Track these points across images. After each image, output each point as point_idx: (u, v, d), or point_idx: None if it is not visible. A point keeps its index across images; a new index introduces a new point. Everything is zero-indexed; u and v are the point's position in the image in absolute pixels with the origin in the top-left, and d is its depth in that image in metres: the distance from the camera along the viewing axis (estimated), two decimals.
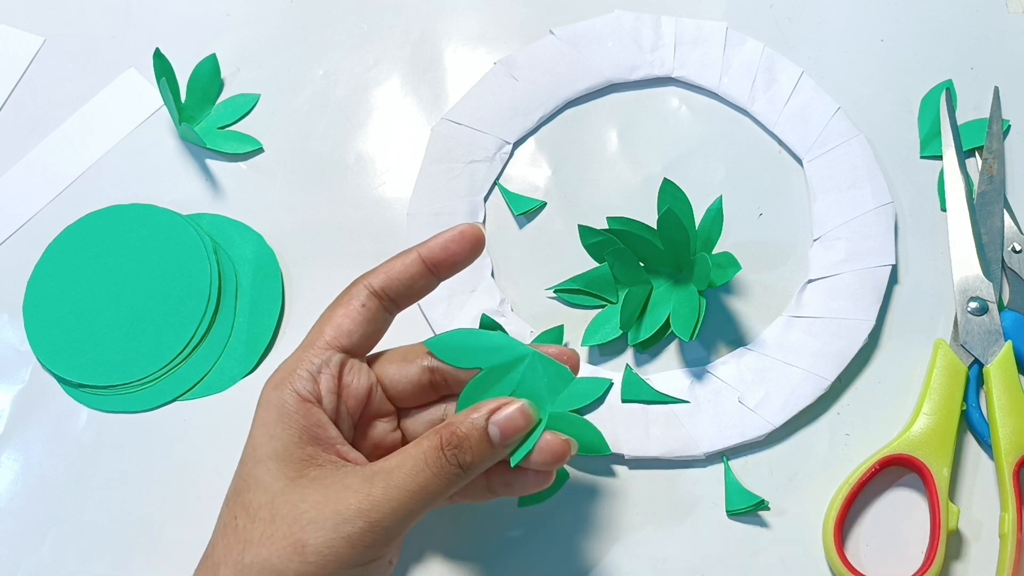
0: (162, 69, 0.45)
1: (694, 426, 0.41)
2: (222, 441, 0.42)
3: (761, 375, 0.42)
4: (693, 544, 0.40)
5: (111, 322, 0.44)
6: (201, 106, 0.48)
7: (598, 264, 0.43)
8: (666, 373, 0.43)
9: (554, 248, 0.45)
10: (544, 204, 0.46)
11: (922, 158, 0.46)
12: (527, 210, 0.46)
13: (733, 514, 0.41)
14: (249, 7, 0.51)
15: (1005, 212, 0.45)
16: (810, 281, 0.44)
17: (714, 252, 0.41)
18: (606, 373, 0.43)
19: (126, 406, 0.43)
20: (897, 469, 0.41)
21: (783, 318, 0.43)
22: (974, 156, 0.46)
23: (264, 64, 0.49)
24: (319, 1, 0.51)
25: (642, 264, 0.43)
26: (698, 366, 0.43)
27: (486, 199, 0.46)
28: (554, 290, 0.44)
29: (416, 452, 0.32)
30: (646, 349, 0.43)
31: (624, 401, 0.42)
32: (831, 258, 0.44)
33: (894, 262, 0.43)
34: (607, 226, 0.42)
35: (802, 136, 0.46)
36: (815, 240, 0.45)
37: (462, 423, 0.32)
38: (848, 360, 0.42)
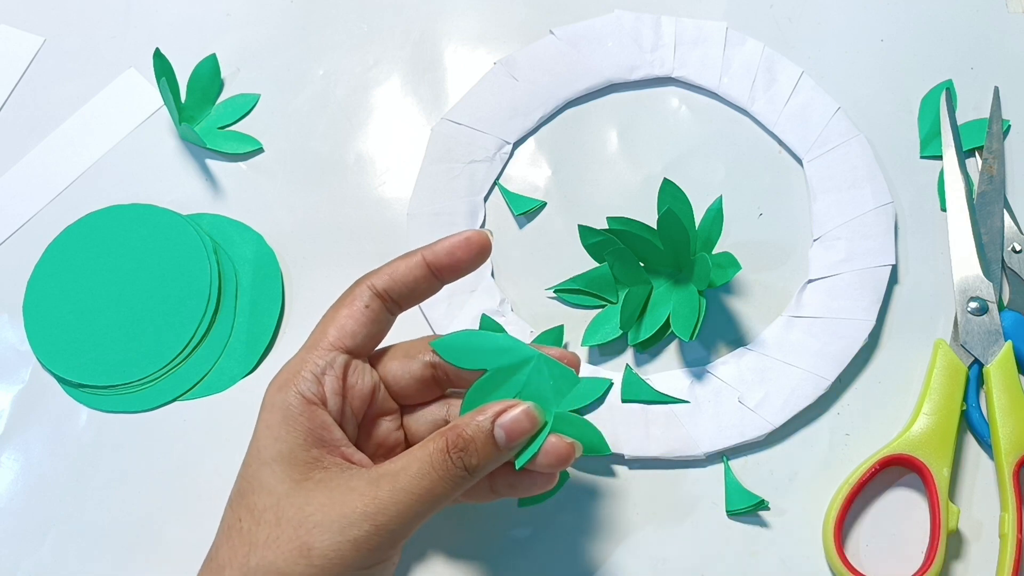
0: (162, 69, 0.45)
1: (694, 426, 0.41)
2: (222, 441, 0.42)
3: (761, 375, 0.42)
4: (693, 544, 0.40)
5: (111, 322, 0.44)
6: (201, 106, 0.48)
7: (598, 264, 0.43)
8: (666, 373, 0.43)
9: (554, 248, 0.45)
10: (544, 204, 0.46)
11: (922, 158, 0.46)
12: (527, 210, 0.46)
13: (733, 514, 0.41)
14: (249, 7, 0.51)
15: (1005, 212, 0.45)
16: (810, 281, 0.44)
17: (714, 252, 0.41)
18: (606, 373, 0.43)
19: (126, 406, 0.43)
20: (897, 469, 0.41)
21: (783, 318, 0.43)
22: (974, 156, 0.46)
23: (264, 64, 0.49)
24: (319, 1, 0.51)
25: (642, 264, 0.43)
26: (698, 366, 0.43)
27: (486, 199, 0.46)
28: (554, 290, 0.44)
29: (422, 455, 0.31)
30: (646, 349, 0.43)
31: (624, 401, 0.42)
32: (831, 258, 0.44)
33: (894, 262, 0.43)
34: (607, 226, 0.42)
35: (802, 136, 0.46)
36: (815, 240, 0.45)
37: (468, 425, 0.31)
38: (848, 360, 0.42)
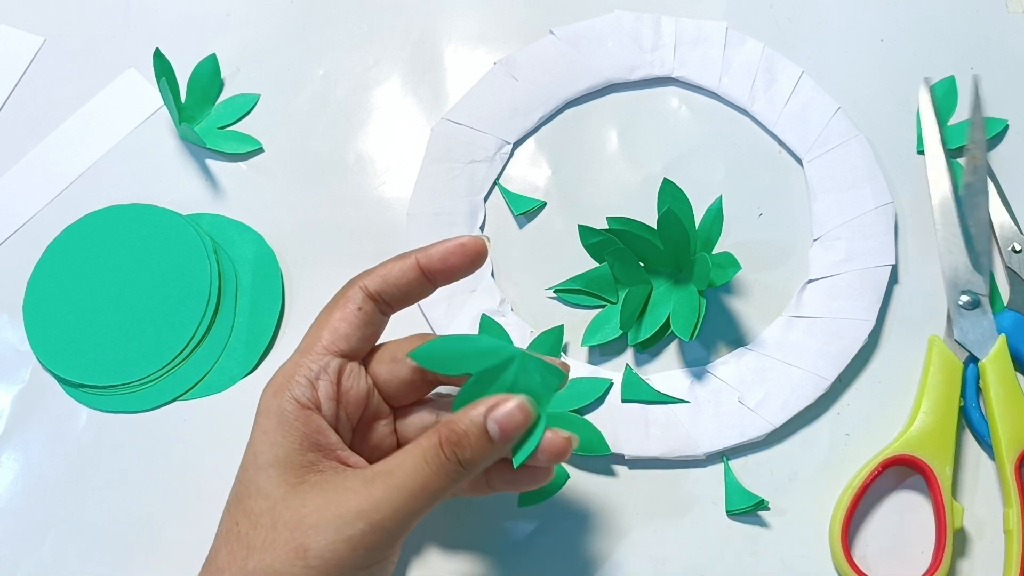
0: (162, 69, 0.45)
1: (694, 426, 0.41)
2: (222, 441, 0.42)
3: (761, 375, 0.42)
4: (693, 544, 0.40)
5: (111, 322, 0.44)
6: (201, 106, 0.48)
7: (598, 264, 0.43)
8: (666, 373, 0.43)
9: (554, 248, 0.45)
10: (544, 204, 0.46)
11: (919, 153, 0.46)
12: (527, 210, 0.46)
13: (733, 514, 0.41)
14: (249, 7, 0.51)
15: (1005, 212, 0.45)
16: (810, 281, 0.44)
17: (714, 252, 0.41)
18: (606, 373, 0.43)
19: (126, 406, 0.43)
20: (899, 470, 0.41)
21: (783, 318, 0.43)
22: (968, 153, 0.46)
23: (264, 64, 0.49)
24: (319, 1, 0.51)
25: (642, 264, 0.43)
26: (698, 366, 0.43)
27: (486, 199, 0.46)
28: (554, 290, 0.44)
29: (416, 451, 0.31)
30: (646, 349, 0.43)
31: (624, 401, 0.42)
32: (831, 258, 0.44)
33: (894, 262, 0.43)
34: (607, 226, 0.42)
35: (802, 136, 0.46)
36: (815, 240, 0.45)
37: (461, 420, 0.31)
38: (848, 360, 0.42)
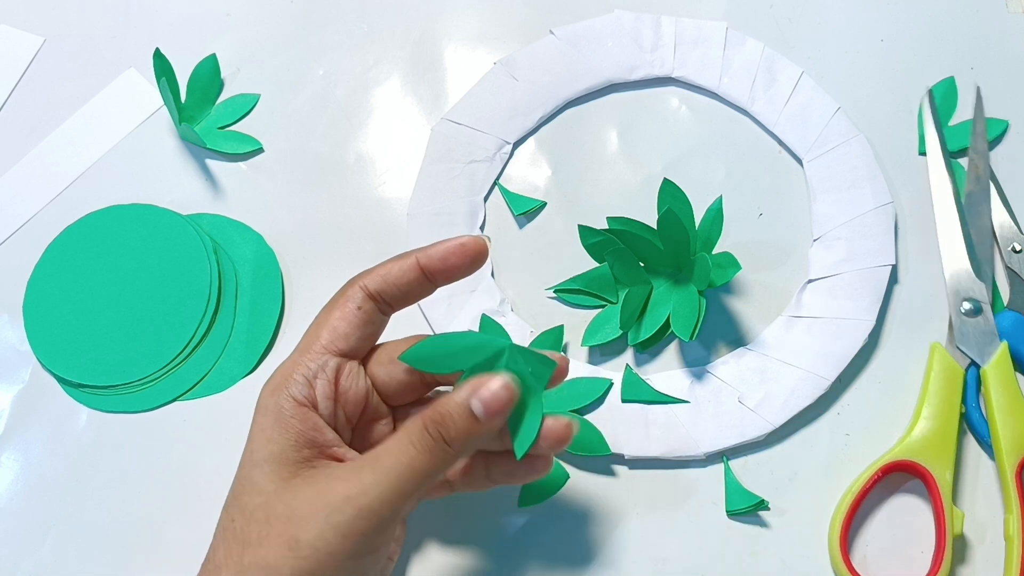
0: (162, 69, 0.45)
1: (694, 426, 0.41)
2: (222, 441, 0.42)
3: (761, 375, 0.42)
4: (693, 544, 0.40)
5: (111, 322, 0.44)
6: (201, 106, 0.48)
7: (598, 264, 0.43)
8: (666, 373, 0.43)
9: (554, 248, 0.45)
10: (544, 204, 0.46)
11: (920, 154, 0.46)
12: (527, 210, 0.46)
13: (733, 514, 0.41)
14: (249, 7, 0.51)
15: (1005, 212, 0.45)
16: (810, 281, 0.44)
17: (714, 252, 0.41)
18: (606, 373, 0.43)
19: (126, 406, 0.43)
20: (899, 475, 0.41)
21: (783, 318, 0.43)
22: (969, 156, 0.46)
23: (264, 64, 0.49)
24: (319, 1, 0.51)
25: (642, 264, 0.43)
26: (698, 366, 0.43)
27: (486, 199, 0.46)
28: (554, 290, 0.44)
29: (402, 435, 0.32)
30: (646, 349, 0.43)
31: (624, 401, 0.42)
32: (831, 258, 0.44)
33: (894, 262, 0.43)
34: (607, 226, 0.42)
35: (802, 136, 0.46)
36: (815, 240, 0.45)
37: (447, 402, 0.31)
38: (848, 360, 0.42)
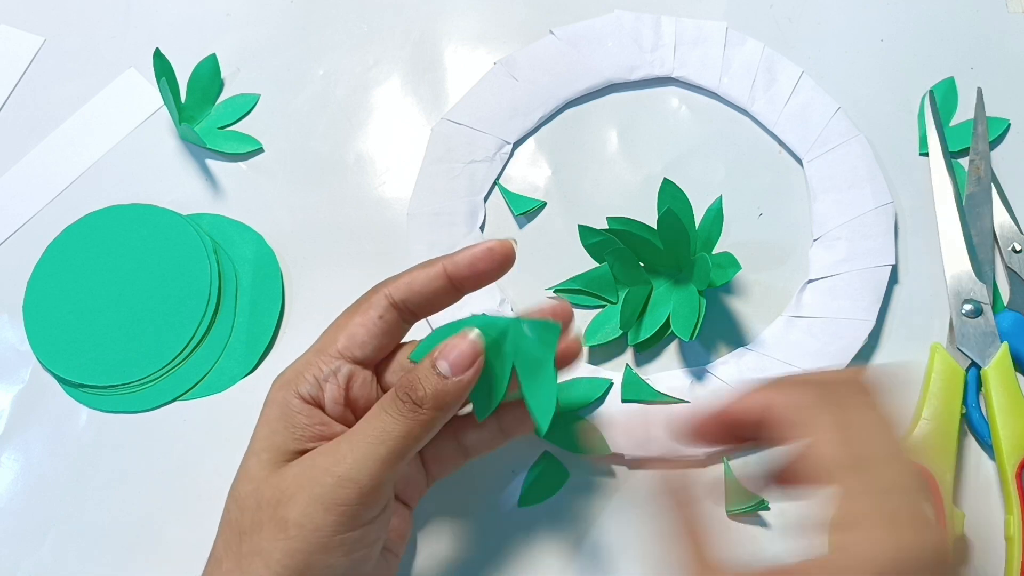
0: (162, 69, 0.45)
1: None
2: (222, 441, 0.42)
3: (761, 375, 0.42)
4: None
5: (111, 322, 0.44)
6: (201, 106, 0.48)
7: (598, 264, 0.43)
8: (666, 373, 0.43)
9: (554, 248, 0.45)
10: (544, 204, 0.46)
11: (921, 155, 0.46)
12: (527, 210, 0.46)
13: (733, 514, 0.41)
14: (249, 7, 0.51)
15: (1005, 212, 0.45)
16: (810, 281, 0.44)
17: (714, 252, 0.41)
18: (606, 373, 0.43)
19: (126, 406, 0.43)
20: None
21: (783, 318, 0.43)
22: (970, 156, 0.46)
23: (264, 64, 0.49)
24: (319, 1, 0.51)
25: (642, 264, 0.43)
26: (698, 366, 0.43)
27: (486, 199, 0.46)
28: (554, 290, 0.44)
29: (376, 405, 0.32)
30: (646, 349, 0.43)
31: (624, 401, 0.42)
32: (831, 258, 0.44)
33: (894, 262, 0.43)
34: (607, 226, 0.42)
35: (802, 136, 0.46)
36: (815, 240, 0.45)
37: (416, 367, 0.32)
38: (848, 360, 0.42)
